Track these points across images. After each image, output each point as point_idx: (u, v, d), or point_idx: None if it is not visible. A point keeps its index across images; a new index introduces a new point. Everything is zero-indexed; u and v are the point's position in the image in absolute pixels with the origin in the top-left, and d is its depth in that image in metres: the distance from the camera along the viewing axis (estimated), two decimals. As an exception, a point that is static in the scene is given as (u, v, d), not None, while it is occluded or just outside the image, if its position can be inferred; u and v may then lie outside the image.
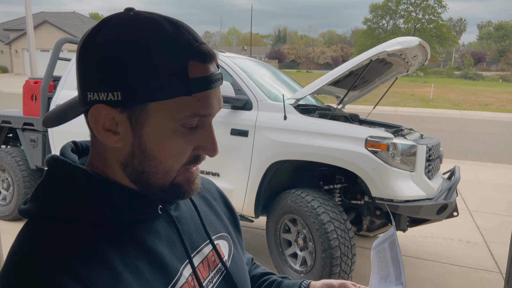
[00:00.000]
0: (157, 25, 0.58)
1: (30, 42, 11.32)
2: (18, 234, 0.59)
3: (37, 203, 0.60)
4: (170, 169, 0.62)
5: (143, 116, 0.58)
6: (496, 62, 62.23)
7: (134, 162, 0.61)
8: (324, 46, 73.11)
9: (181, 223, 0.70)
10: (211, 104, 0.60)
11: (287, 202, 2.98)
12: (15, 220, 4.23)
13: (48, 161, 0.63)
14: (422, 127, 9.76)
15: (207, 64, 0.59)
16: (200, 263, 0.70)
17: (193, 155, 0.63)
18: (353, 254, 2.83)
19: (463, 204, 5.13)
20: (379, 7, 53.35)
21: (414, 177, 2.86)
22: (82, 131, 0.62)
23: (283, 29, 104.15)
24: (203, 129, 0.63)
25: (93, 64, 0.57)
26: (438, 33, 49.07)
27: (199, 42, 0.59)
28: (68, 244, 0.56)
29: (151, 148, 0.60)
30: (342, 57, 58.75)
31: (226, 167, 3.15)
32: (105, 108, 0.58)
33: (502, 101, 22.13)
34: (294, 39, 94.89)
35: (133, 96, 0.56)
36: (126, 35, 0.57)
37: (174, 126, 0.59)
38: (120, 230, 0.61)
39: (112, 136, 0.60)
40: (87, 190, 0.60)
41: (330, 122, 3.01)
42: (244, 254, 0.89)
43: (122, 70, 0.56)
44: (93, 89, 0.58)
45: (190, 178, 0.65)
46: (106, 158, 0.63)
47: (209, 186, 0.89)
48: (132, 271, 0.58)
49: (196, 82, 0.58)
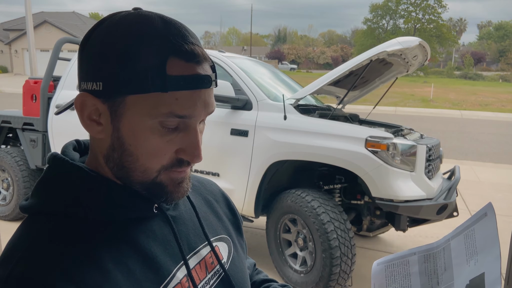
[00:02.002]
0: (146, 21, 0.58)
1: (30, 42, 11.32)
2: (17, 229, 0.61)
3: (36, 199, 0.61)
4: (147, 167, 0.61)
5: (121, 109, 0.58)
6: (496, 62, 62.24)
7: (114, 156, 0.61)
8: (324, 46, 73.08)
9: (178, 224, 0.70)
10: (192, 105, 0.58)
11: (287, 202, 2.98)
12: (15, 220, 4.23)
13: (48, 158, 0.64)
14: (422, 127, 9.77)
15: (192, 64, 0.58)
16: (196, 265, 0.69)
17: (175, 158, 0.62)
18: (353, 254, 2.83)
19: (463, 204, 5.13)
20: (379, 7, 53.35)
21: (414, 177, 2.86)
22: (82, 130, 0.62)
23: (283, 29, 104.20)
24: (186, 132, 0.61)
25: (85, 57, 0.61)
26: (438, 33, 49.09)
27: (187, 41, 0.58)
28: (60, 240, 0.57)
29: (128, 143, 0.60)
30: (342, 57, 58.70)
31: (226, 167, 3.15)
32: (89, 98, 0.60)
33: (502, 101, 22.13)
34: (294, 39, 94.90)
35: (112, 87, 0.58)
36: (116, 29, 0.59)
37: (151, 123, 0.58)
38: (114, 228, 0.61)
39: (96, 126, 0.61)
40: (83, 188, 0.61)
41: (330, 122, 3.01)
42: (245, 258, 0.88)
43: (104, 62, 0.58)
44: (83, 78, 0.61)
45: (175, 179, 0.63)
46: (95, 152, 0.64)
47: (212, 187, 0.88)
48: (122, 269, 0.58)
49: (174, 79, 0.56)
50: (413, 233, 4.15)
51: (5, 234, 2.84)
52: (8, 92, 20.70)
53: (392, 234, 4.10)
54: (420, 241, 4.04)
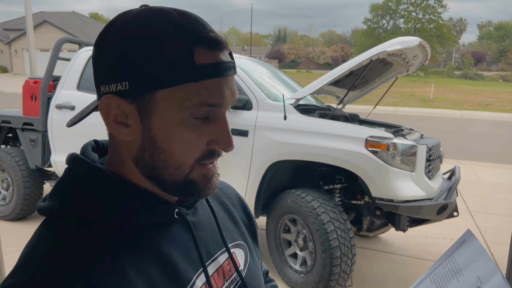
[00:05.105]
0: (163, 14, 0.57)
1: (30, 42, 11.33)
2: (35, 231, 0.59)
3: (54, 201, 0.60)
4: (182, 163, 0.59)
5: (151, 106, 0.57)
6: (496, 62, 62.23)
7: (145, 156, 0.59)
8: (324, 46, 73.06)
9: (197, 229, 0.68)
10: (222, 93, 0.58)
11: (287, 202, 2.98)
12: (15, 220, 4.23)
13: (68, 159, 0.62)
14: (422, 127, 9.76)
15: (216, 52, 0.57)
16: (215, 272, 0.68)
17: (207, 150, 0.60)
18: (353, 254, 2.83)
19: (463, 204, 5.13)
20: (379, 7, 53.35)
21: (414, 177, 2.86)
22: (83, 131, 0.61)
23: (283, 29, 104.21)
24: (216, 122, 0.60)
25: (103, 57, 0.58)
26: (438, 33, 49.07)
27: (207, 30, 0.57)
28: (80, 247, 0.55)
29: (160, 140, 0.58)
30: (342, 57, 58.69)
31: (226, 167, 3.15)
32: (115, 99, 0.57)
33: (502, 101, 22.13)
34: (294, 39, 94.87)
35: (139, 85, 0.56)
36: (133, 25, 0.57)
37: (183, 116, 0.57)
38: (135, 233, 0.59)
39: (123, 129, 0.59)
40: (104, 191, 0.59)
41: (330, 122, 3.01)
42: (261, 264, 0.86)
43: (128, 59, 0.56)
44: (104, 81, 0.58)
45: (207, 175, 0.62)
46: (120, 155, 0.62)
47: (229, 191, 0.86)
48: (143, 277, 0.56)
49: (203, 68, 0.56)
50: (413, 233, 4.15)
51: (5, 234, 2.85)
52: (8, 92, 20.70)
53: (392, 234, 4.10)
54: (420, 241, 4.04)
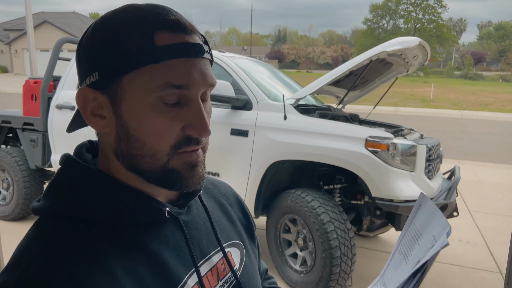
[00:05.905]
0: (129, 7, 0.60)
1: (30, 42, 11.33)
2: (27, 231, 0.60)
3: (47, 201, 0.60)
4: (156, 150, 0.58)
5: (119, 93, 0.58)
6: (496, 62, 62.24)
7: (122, 147, 0.60)
8: (324, 46, 73.06)
9: (191, 229, 0.68)
10: (187, 74, 0.57)
11: (287, 202, 2.98)
12: (15, 220, 4.23)
13: (61, 159, 0.63)
14: (422, 127, 9.76)
15: (180, 34, 0.58)
16: (208, 272, 0.68)
17: (184, 136, 0.59)
18: (353, 254, 2.83)
19: (463, 204, 5.13)
20: (379, 7, 53.37)
21: (414, 177, 2.86)
22: (83, 131, 0.61)
23: (283, 29, 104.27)
24: (189, 106, 0.59)
25: (81, 56, 0.62)
26: (438, 33, 49.10)
27: (170, 14, 0.59)
28: (69, 246, 0.56)
29: (132, 128, 0.58)
30: (342, 57, 58.73)
31: (226, 167, 3.15)
32: (89, 92, 0.60)
33: (502, 101, 22.13)
34: (294, 39, 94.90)
35: (106, 73, 0.58)
36: (105, 21, 0.60)
37: (150, 100, 0.57)
38: (125, 233, 0.59)
39: (100, 121, 0.61)
40: (94, 191, 0.60)
41: (330, 122, 3.01)
42: (258, 264, 0.86)
43: (97, 52, 0.58)
44: (81, 78, 0.61)
45: (188, 162, 0.61)
46: (104, 151, 0.63)
47: (226, 190, 0.86)
48: (132, 276, 0.56)
49: (164, 49, 0.56)
50: (413, 233, 4.14)
51: (5, 234, 2.85)
52: (8, 92, 20.70)
53: (392, 234, 4.10)
54: (420, 241, 4.03)
